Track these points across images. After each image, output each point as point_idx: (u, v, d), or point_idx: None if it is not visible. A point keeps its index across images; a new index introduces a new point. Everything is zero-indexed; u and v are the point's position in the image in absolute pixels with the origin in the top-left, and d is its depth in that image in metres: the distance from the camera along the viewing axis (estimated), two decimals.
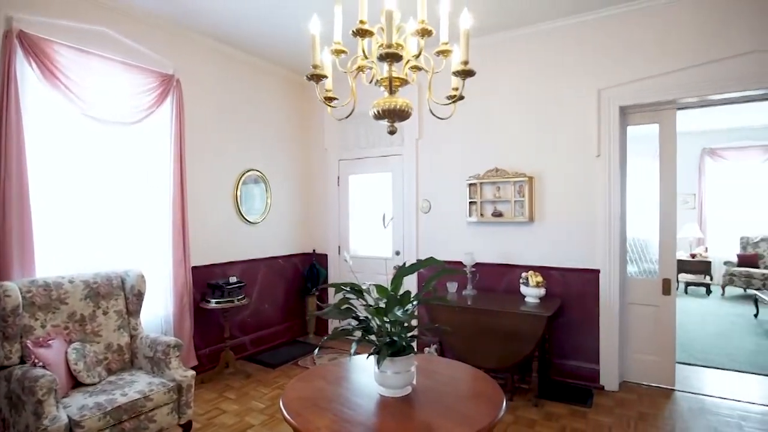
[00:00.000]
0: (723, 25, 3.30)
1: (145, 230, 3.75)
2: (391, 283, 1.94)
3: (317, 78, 1.86)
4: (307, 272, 5.43)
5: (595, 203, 3.77)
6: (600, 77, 3.74)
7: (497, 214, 4.15)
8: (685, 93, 3.45)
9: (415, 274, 4.49)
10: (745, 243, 7.85)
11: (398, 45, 1.84)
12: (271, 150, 5.09)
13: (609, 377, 3.75)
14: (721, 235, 8.46)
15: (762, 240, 7.67)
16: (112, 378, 2.85)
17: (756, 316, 6.21)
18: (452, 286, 4.15)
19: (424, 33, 1.78)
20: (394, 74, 1.89)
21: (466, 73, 1.76)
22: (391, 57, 1.57)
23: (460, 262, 4.14)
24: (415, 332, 1.91)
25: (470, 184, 4.28)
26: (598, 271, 3.76)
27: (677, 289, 8.04)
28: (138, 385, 2.74)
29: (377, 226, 5.05)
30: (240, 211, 4.65)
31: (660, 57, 3.51)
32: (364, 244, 5.29)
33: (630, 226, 3.91)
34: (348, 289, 1.97)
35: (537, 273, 3.70)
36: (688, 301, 7.33)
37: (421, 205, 4.68)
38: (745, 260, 7.53)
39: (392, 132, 1.94)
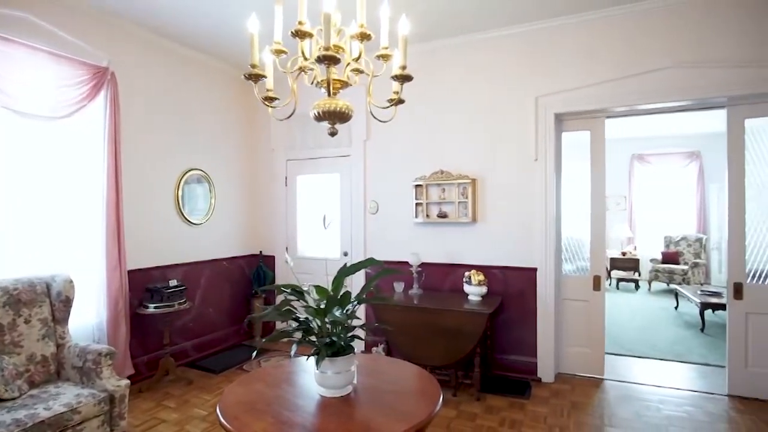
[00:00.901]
0: (644, 43, 3.59)
1: (76, 232, 3.52)
2: (332, 284, 1.95)
3: (255, 77, 1.84)
4: (253, 274, 5.31)
5: (533, 205, 3.97)
6: (537, 85, 3.94)
7: (442, 215, 4.27)
8: (613, 103, 3.72)
9: (363, 274, 4.52)
10: (668, 241, 8.54)
11: (337, 47, 1.86)
12: (215, 149, 4.94)
13: (546, 370, 3.96)
14: (648, 234, 9.16)
15: (682, 239, 8.39)
16: (35, 391, 2.65)
17: (676, 308, 6.78)
18: (399, 286, 4.22)
19: (364, 37, 1.81)
20: (335, 76, 1.91)
21: (404, 78, 1.81)
22: (328, 59, 1.58)
23: (407, 262, 4.21)
24: (356, 332, 1.93)
25: (416, 186, 4.37)
26: (535, 270, 3.96)
27: (610, 284, 8.63)
28: (64, 397, 2.57)
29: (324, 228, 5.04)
30: (182, 212, 4.48)
31: (591, 69, 3.76)
32: (312, 245, 5.25)
33: (567, 227, 4.16)
34: (289, 290, 1.96)
35: (479, 272, 3.84)
36: (619, 296, 7.87)
37: (368, 206, 4.72)
38: (668, 257, 8.20)
39: (333, 134, 1.96)
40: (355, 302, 1.88)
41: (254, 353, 2.20)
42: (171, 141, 4.38)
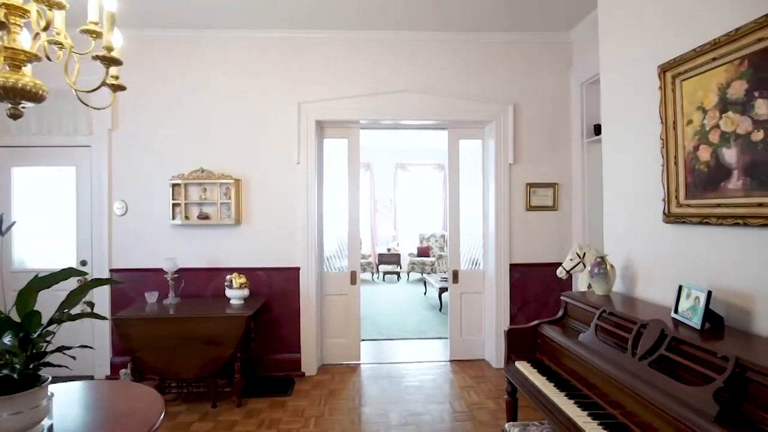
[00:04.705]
0: (389, 67, 4.15)
1: None
2: (16, 301, 1.57)
3: None
4: None
5: (296, 206, 4.11)
6: (301, 91, 4.10)
7: (203, 217, 4.01)
8: (364, 115, 4.16)
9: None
10: (422, 238, 10.13)
11: (21, 10, 1.51)
12: None
13: (309, 363, 4.15)
14: (408, 232, 10.66)
15: (431, 236, 10.08)
16: None
17: (425, 294, 8.10)
18: (152, 296, 3.77)
19: (52, 4, 1.51)
20: (21, 46, 1.55)
21: (109, 60, 1.58)
22: None
23: (161, 269, 3.80)
24: (46, 359, 1.59)
25: (174, 185, 3.99)
26: (298, 269, 4.11)
27: (379, 277, 9.70)
28: None
29: (58, 231, 4.15)
30: None
31: (348, 82, 4.12)
32: (38, 255, 4.22)
33: (337, 227, 4.44)
34: None
35: (241, 274, 3.75)
36: (385, 287, 8.93)
37: (115, 206, 4.07)
38: (422, 251, 9.74)
39: (15, 116, 1.58)
40: (45, 324, 1.55)
41: None
42: None
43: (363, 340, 4.70)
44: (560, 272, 2.98)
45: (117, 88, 1.82)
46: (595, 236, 3.95)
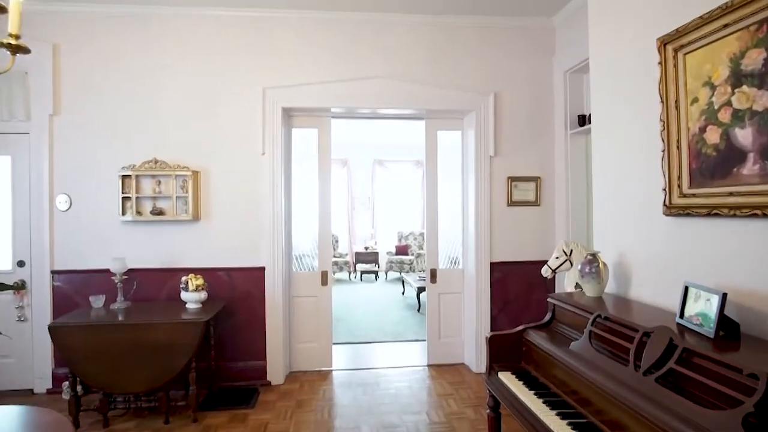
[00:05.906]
0: (363, 51, 3.85)
1: None
2: None
3: None
4: None
5: (261, 201, 3.77)
6: (266, 76, 3.77)
7: (157, 212, 3.64)
8: (336, 103, 3.84)
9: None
10: (400, 236, 9.86)
11: None
12: None
13: (275, 371, 3.82)
14: (386, 230, 10.37)
15: (410, 234, 9.83)
16: None
17: (403, 293, 7.83)
18: (98, 300, 3.39)
19: None
20: None
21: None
22: None
23: (109, 270, 3.42)
24: None
25: (124, 177, 3.60)
26: (263, 269, 3.78)
27: (356, 277, 9.40)
28: None
29: None
30: None
31: (318, 67, 3.81)
32: None
33: (311, 225, 4.11)
34: None
35: (198, 275, 3.39)
36: (362, 286, 8.63)
37: (57, 200, 3.66)
38: (400, 250, 9.47)
39: None
40: None
41: None
42: None
43: (336, 343, 4.41)
44: (545, 271, 2.75)
45: (16, 49, 1.48)
46: (579, 233, 3.74)
